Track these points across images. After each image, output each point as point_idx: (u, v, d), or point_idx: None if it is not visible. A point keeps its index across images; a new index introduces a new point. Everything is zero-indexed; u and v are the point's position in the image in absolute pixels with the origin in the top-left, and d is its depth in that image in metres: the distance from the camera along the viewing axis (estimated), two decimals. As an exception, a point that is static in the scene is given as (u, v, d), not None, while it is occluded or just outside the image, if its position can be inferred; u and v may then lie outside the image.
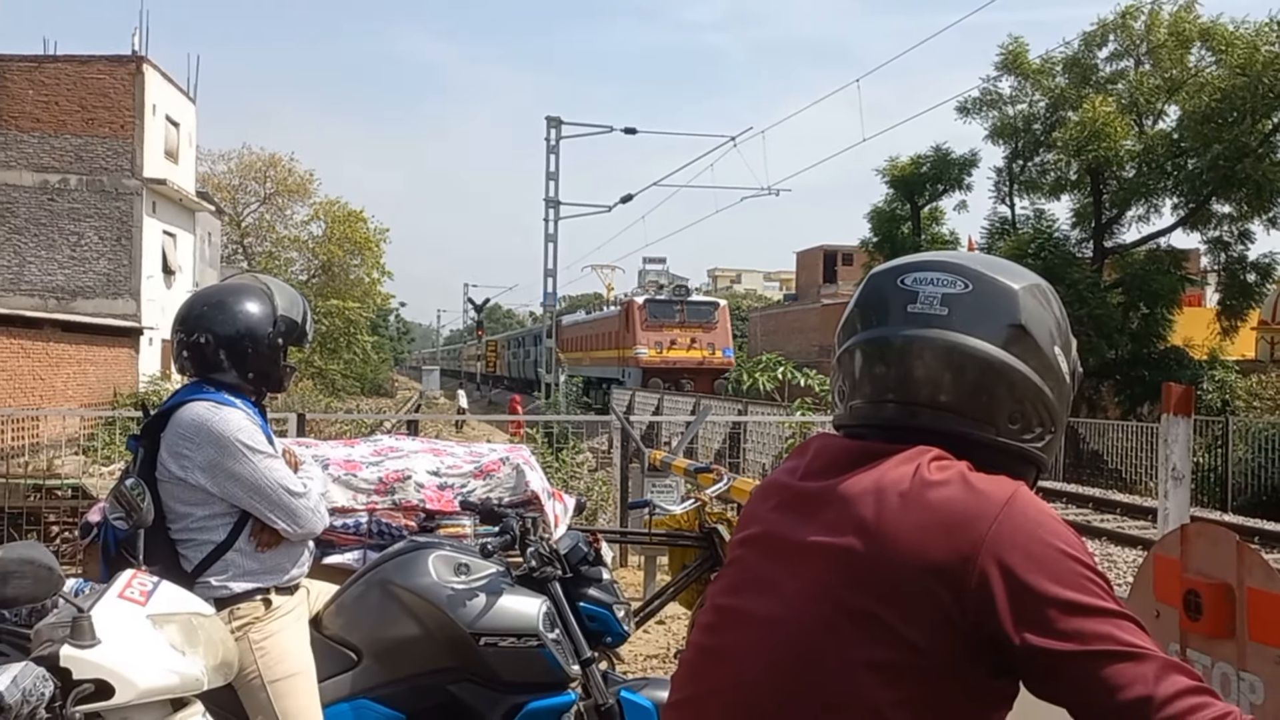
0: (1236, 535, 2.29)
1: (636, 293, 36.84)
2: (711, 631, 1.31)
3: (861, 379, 1.30)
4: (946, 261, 1.29)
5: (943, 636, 1.11)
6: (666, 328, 34.21)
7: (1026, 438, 1.26)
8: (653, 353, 33.45)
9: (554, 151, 25.88)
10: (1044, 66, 25.92)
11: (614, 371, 37.11)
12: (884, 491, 1.18)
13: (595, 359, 41.20)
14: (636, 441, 7.54)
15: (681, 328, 34.21)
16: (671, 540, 4.63)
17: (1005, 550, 1.10)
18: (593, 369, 41.03)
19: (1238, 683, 2.25)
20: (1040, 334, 1.26)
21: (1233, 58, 23.09)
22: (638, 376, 33.87)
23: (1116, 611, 1.09)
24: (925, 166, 28.73)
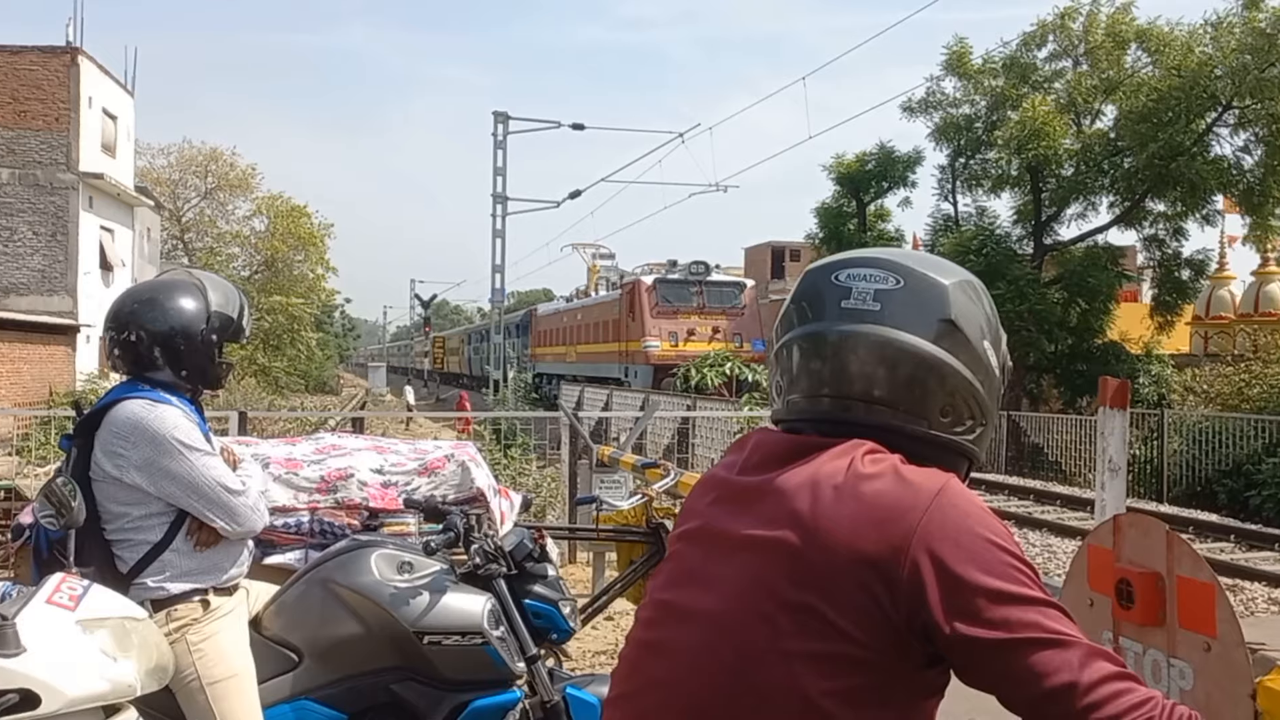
0: (1166, 525, 2.35)
1: (642, 272, 30.15)
2: (650, 626, 1.32)
3: (798, 374, 1.31)
4: (879, 258, 1.31)
5: (876, 627, 1.13)
6: (682, 314, 27.82)
7: (958, 430, 1.28)
8: (666, 346, 26.89)
9: (501, 147, 25.74)
10: (985, 67, 26.32)
11: (613, 369, 30.44)
12: (819, 485, 1.19)
13: (587, 354, 34.14)
14: (585, 438, 7.53)
15: (701, 314, 27.88)
16: (619, 536, 4.64)
17: (935, 541, 1.12)
18: (581, 366, 34.15)
19: (1168, 669, 2.30)
20: (970, 329, 1.28)
21: (1168, 59, 23.65)
22: (647, 375, 27.80)
23: (1043, 600, 1.12)
24: (871, 164, 29.04)
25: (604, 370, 31.33)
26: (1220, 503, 15.69)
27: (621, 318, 29.89)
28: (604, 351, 31.76)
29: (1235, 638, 2.12)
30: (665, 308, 27.95)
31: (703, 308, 28.17)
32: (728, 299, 28.61)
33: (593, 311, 34.24)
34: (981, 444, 1.32)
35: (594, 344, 33.26)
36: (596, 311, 33.69)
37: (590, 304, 35.39)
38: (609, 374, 30.38)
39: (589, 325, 34.13)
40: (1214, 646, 2.16)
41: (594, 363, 32.74)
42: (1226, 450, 16.31)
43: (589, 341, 33.92)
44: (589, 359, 33.48)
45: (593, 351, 33.25)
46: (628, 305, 29.44)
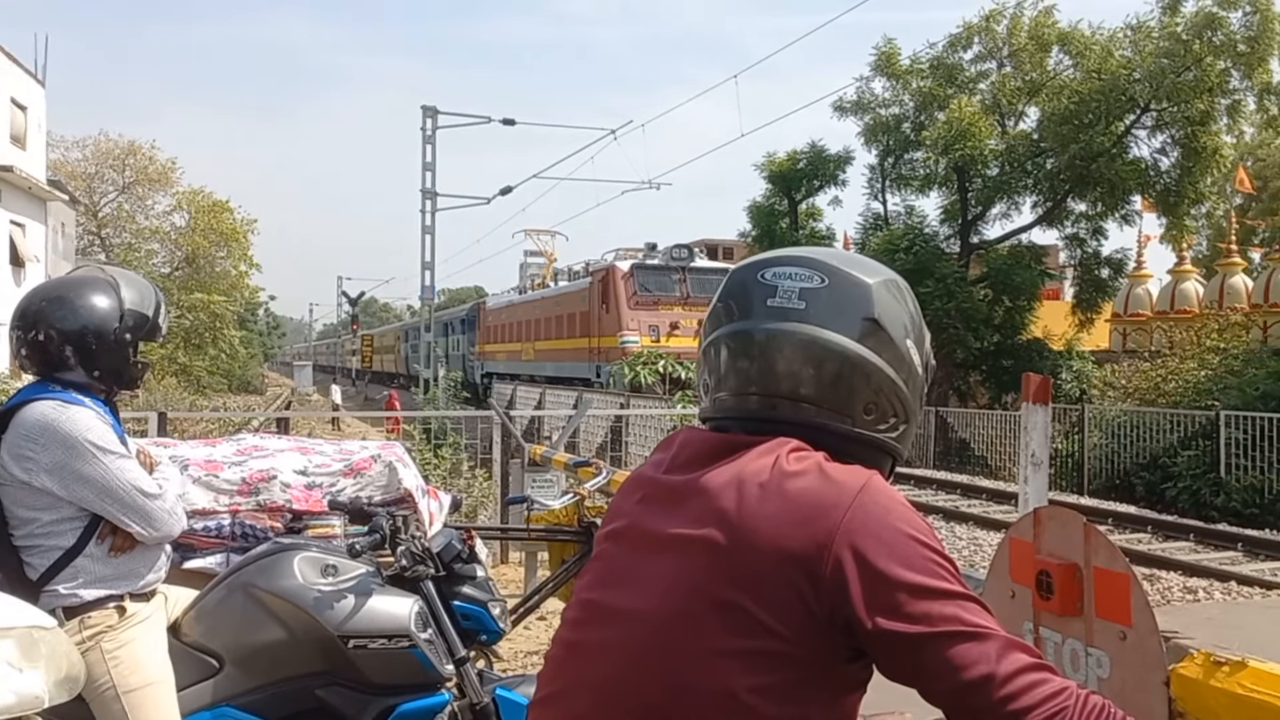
0: (1084, 518, 2.40)
1: (616, 258, 26.12)
2: (576, 627, 1.31)
3: (726, 372, 1.32)
4: (804, 257, 1.32)
5: (801, 623, 1.14)
6: (664, 305, 24.52)
7: (881, 428, 1.29)
8: (646, 341, 23.59)
9: (430, 142, 25.45)
10: (913, 68, 26.76)
11: (581, 369, 27.02)
12: (744, 483, 1.20)
13: (549, 352, 30.26)
14: (516, 437, 7.49)
15: (685, 305, 24.45)
16: (550, 535, 4.62)
17: (858, 537, 1.13)
18: (541, 365, 30.40)
19: (1086, 658, 2.36)
20: (893, 327, 1.29)
21: (1088, 62, 24.28)
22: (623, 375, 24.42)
23: (962, 594, 1.13)
24: (802, 163, 29.36)
25: (570, 370, 27.72)
26: (1138, 495, 16.16)
27: (592, 309, 25.93)
28: (570, 348, 27.61)
29: (1149, 626, 2.18)
30: (645, 298, 24.39)
31: (687, 298, 24.51)
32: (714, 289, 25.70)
33: (555, 303, 29.83)
34: (905, 441, 1.34)
35: (558, 340, 28.90)
36: (560, 303, 29.19)
37: (552, 294, 30.65)
38: (576, 374, 26.80)
39: (551, 319, 29.75)
40: (1129, 635, 2.21)
41: (558, 361, 28.89)
42: (1144, 444, 16.80)
43: (551, 337, 29.63)
44: (551, 356, 29.56)
45: (556, 348, 29.21)
46: (600, 295, 25.43)
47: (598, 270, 26.29)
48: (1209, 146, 23.65)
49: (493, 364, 36.37)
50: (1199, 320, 22.87)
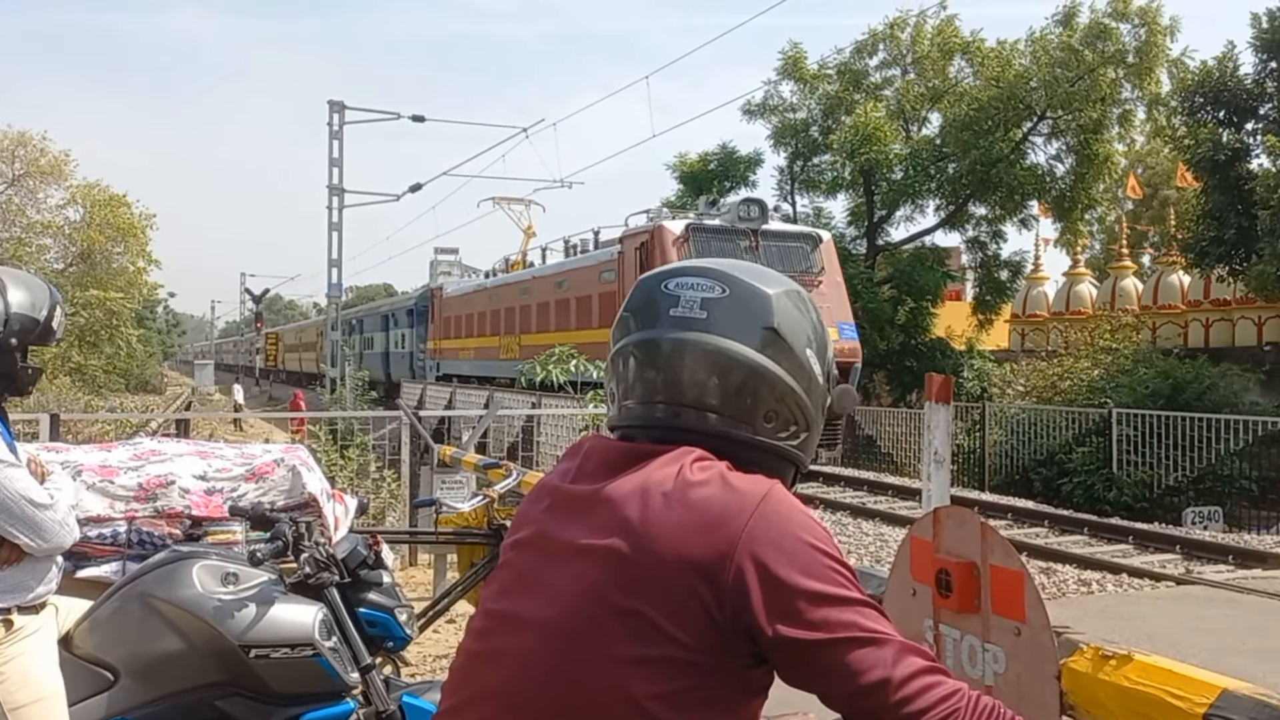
0: (981, 517, 2.47)
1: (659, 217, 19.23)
2: (481, 636, 1.31)
3: (633, 381, 1.34)
4: (707, 268, 1.34)
5: (704, 631, 1.15)
6: None
7: (782, 436, 1.32)
8: None
9: (338, 137, 24.97)
10: (820, 72, 27.22)
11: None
12: (648, 493, 1.21)
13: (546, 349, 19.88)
14: (425, 438, 7.40)
15: None
16: (459, 538, 4.58)
17: (759, 546, 1.15)
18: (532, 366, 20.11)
19: (983, 654, 2.43)
20: (794, 337, 1.32)
21: (988, 71, 25.01)
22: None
23: (860, 600, 1.16)
24: (713, 164, 29.62)
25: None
26: (1036, 490, 16.70)
27: (622, 289, 17.98)
28: (584, 343, 18.69)
29: (1042, 622, 2.25)
30: None
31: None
32: (796, 259, 18.06)
33: (555, 284, 22.12)
34: (807, 449, 1.36)
35: (561, 332, 20.79)
36: (566, 283, 21.64)
37: (549, 272, 22.98)
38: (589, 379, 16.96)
39: (549, 304, 22.00)
40: (1023, 631, 2.29)
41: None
42: (1041, 441, 17.37)
43: (550, 329, 21.76)
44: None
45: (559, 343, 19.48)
46: (638, 268, 17.74)
47: (633, 235, 18.61)
48: (1101, 154, 24.61)
49: (454, 364, 28.30)
50: (1092, 321, 23.75)
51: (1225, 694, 1.87)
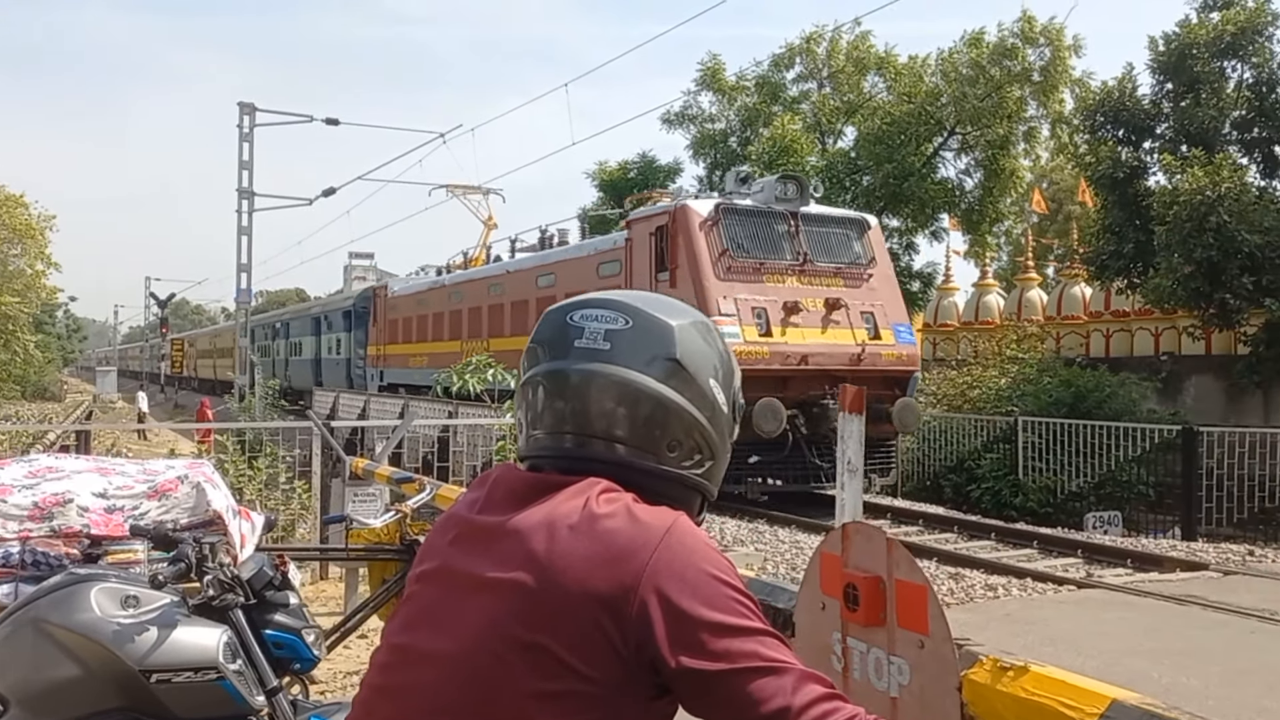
0: (886, 532, 2.53)
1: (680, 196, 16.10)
2: (385, 670, 1.30)
3: (540, 411, 1.36)
4: (612, 300, 1.37)
5: (608, 664, 1.16)
6: (772, 274, 14.26)
7: (686, 465, 1.34)
8: (751, 335, 13.49)
9: (248, 139, 24.44)
10: (739, 84, 27.57)
11: None
12: (555, 525, 1.22)
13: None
14: (337, 449, 7.27)
15: (801, 274, 14.42)
16: (371, 555, 4.51)
17: (663, 578, 1.17)
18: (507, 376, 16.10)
19: (889, 666, 2.48)
20: (696, 367, 1.34)
21: (901, 86, 25.62)
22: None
23: (761, 630, 1.18)
24: (633, 172, 29.77)
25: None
26: (946, 496, 17.08)
27: (630, 281, 15.17)
28: None
29: (944, 634, 2.31)
30: (741, 261, 13.97)
31: (803, 261, 14.24)
32: (840, 247, 14.83)
33: (536, 277, 18.59)
34: (713, 478, 1.39)
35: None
36: (553, 275, 17.99)
37: (531, 264, 19.30)
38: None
39: (533, 302, 18.12)
40: (927, 644, 2.35)
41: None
42: (952, 448, 17.79)
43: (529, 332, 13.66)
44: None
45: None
46: (654, 256, 14.64)
47: (645, 218, 15.14)
48: (1008, 169, 25.37)
49: (402, 372, 24.61)
50: (1000, 331, 24.41)
51: (1115, 704, 1.94)
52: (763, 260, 14.09)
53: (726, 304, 13.38)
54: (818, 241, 14.67)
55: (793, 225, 14.56)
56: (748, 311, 13.47)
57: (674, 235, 14.20)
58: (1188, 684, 5.84)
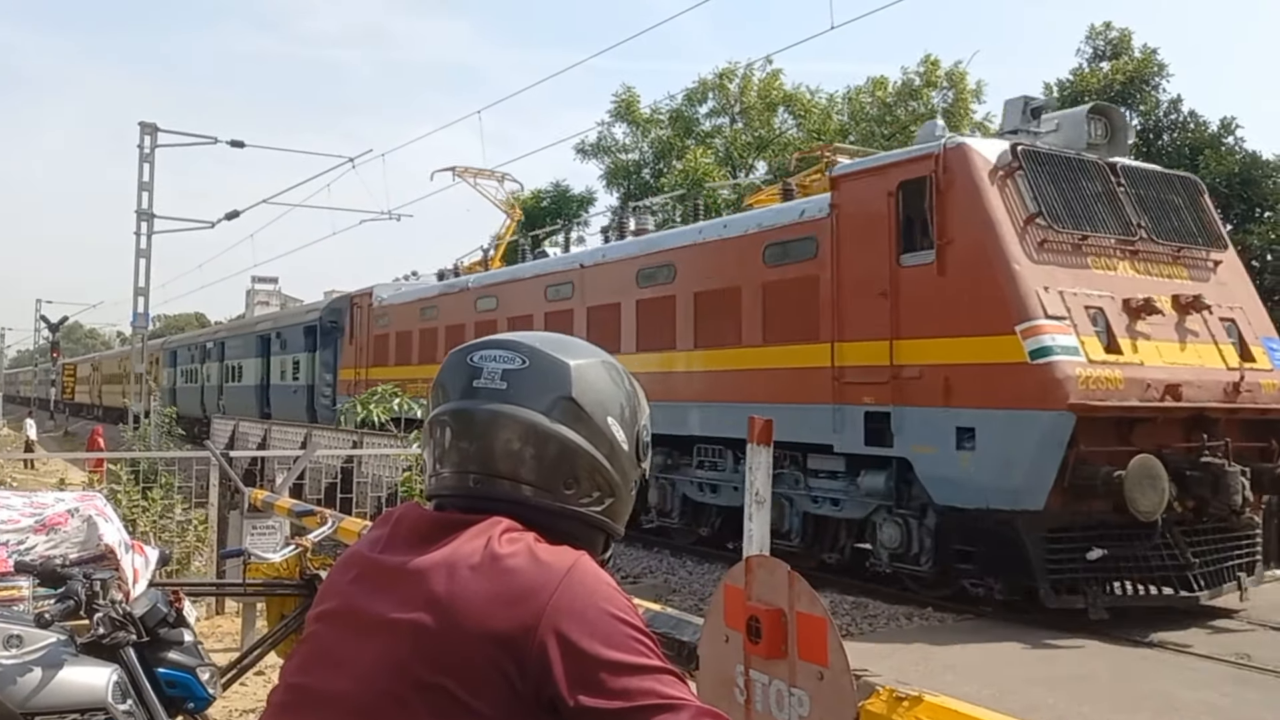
0: (788, 566, 2.57)
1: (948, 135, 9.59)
2: (282, 711, 1.28)
3: (446, 449, 1.37)
4: (510, 340, 1.40)
5: (508, 704, 1.17)
6: (1097, 258, 9.01)
7: (584, 502, 1.36)
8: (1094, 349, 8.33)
9: (149, 160, 23.79)
10: (653, 117, 27.92)
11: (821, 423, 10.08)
12: (456, 565, 1.23)
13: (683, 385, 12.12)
14: (235, 480, 7.09)
15: (1136, 259, 9.28)
16: (269, 590, 4.41)
17: (562, 618, 1.18)
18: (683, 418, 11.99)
19: (789, 698, 2.52)
20: (592, 406, 1.37)
21: (810, 123, 26.23)
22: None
23: (660, 668, 1.20)
24: (546, 201, 29.80)
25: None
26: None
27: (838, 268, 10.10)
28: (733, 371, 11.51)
29: (843, 665, 2.36)
30: (1058, 234, 8.93)
31: (1138, 237, 9.45)
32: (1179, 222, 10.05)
33: (644, 272, 13.09)
34: (616, 516, 1.41)
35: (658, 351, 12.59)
36: (673, 269, 12.60)
37: (634, 254, 13.52)
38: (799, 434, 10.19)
39: (632, 309, 13.18)
40: (826, 675, 2.39)
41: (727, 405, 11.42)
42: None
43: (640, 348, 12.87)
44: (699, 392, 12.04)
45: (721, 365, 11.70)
46: (893, 227, 9.56)
47: (875, 169, 10.10)
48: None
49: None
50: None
51: (1004, 733, 2.01)
52: (1086, 234, 9.08)
53: (1052, 300, 8.46)
54: (1152, 208, 9.77)
55: (1114, 182, 9.65)
56: (1081, 313, 8.58)
57: (943, 190, 9.10)
58: (1079, 710, 6.04)
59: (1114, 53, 20.77)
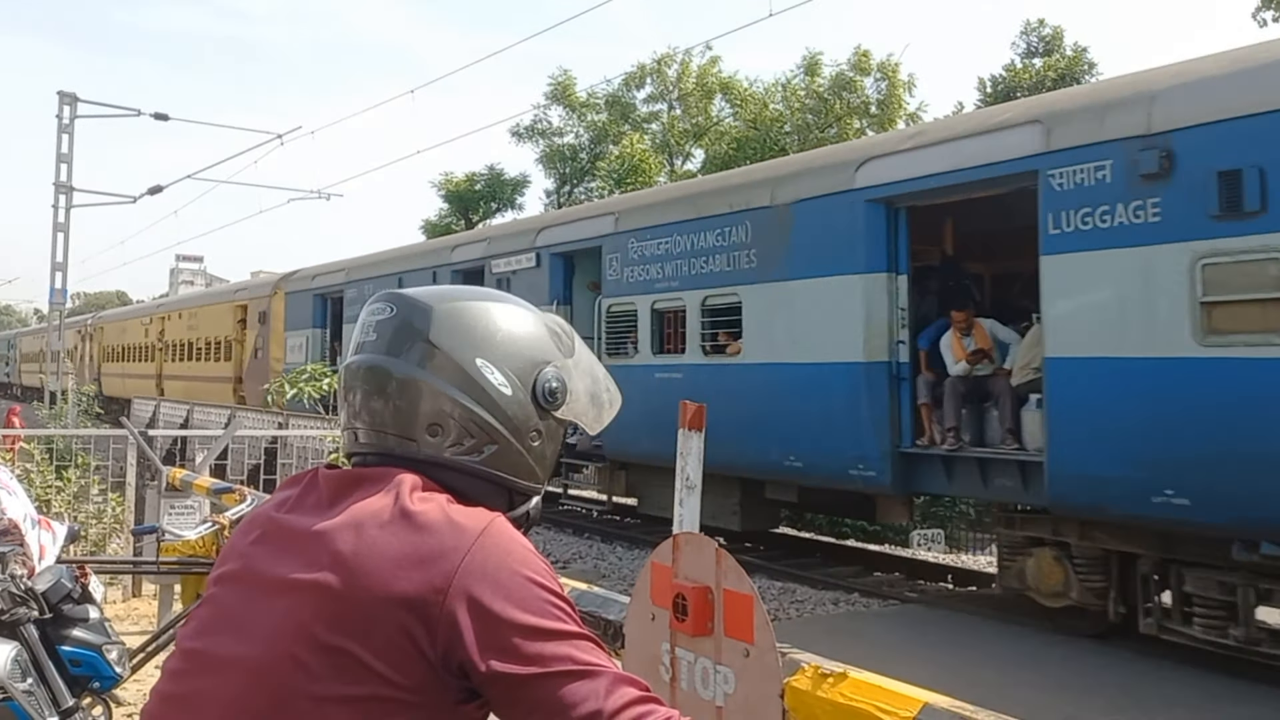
0: (716, 542, 2.55)
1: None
2: (175, 678, 1.22)
3: (347, 407, 1.34)
4: (392, 293, 1.36)
5: (415, 668, 1.13)
6: None
7: (454, 450, 1.29)
8: None
9: (68, 131, 23.01)
10: (589, 101, 27.76)
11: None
12: (363, 525, 1.18)
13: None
14: (153, 459, 6.89)
15: None
16: (184, 568, 4.28)
17: (475, 581, 1.14)
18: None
19: (715, 675, 2.50)
20: (453, 346, 1.30)
21: (746, 112, 26.29)
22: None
23: (576, 634, 1.16)
24: (479, 184, 29.49)
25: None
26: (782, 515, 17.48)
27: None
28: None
29: (769, 643, 2.35)
30: None
31: None
32: None
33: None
34: (508, 467, 1.32)
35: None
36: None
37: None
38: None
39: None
40: (752, 652, 2.38)
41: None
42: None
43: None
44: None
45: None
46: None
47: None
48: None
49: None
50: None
51: (926, 707, 2.01)
52: None
53: None
54: None
55: None
56: None
57: None
58: (1000, 690, 6.15)
59: (1046, 50, 21.18)
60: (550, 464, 1.39)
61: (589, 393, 1.41)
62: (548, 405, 1.35)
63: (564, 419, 1.38)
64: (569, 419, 1.39)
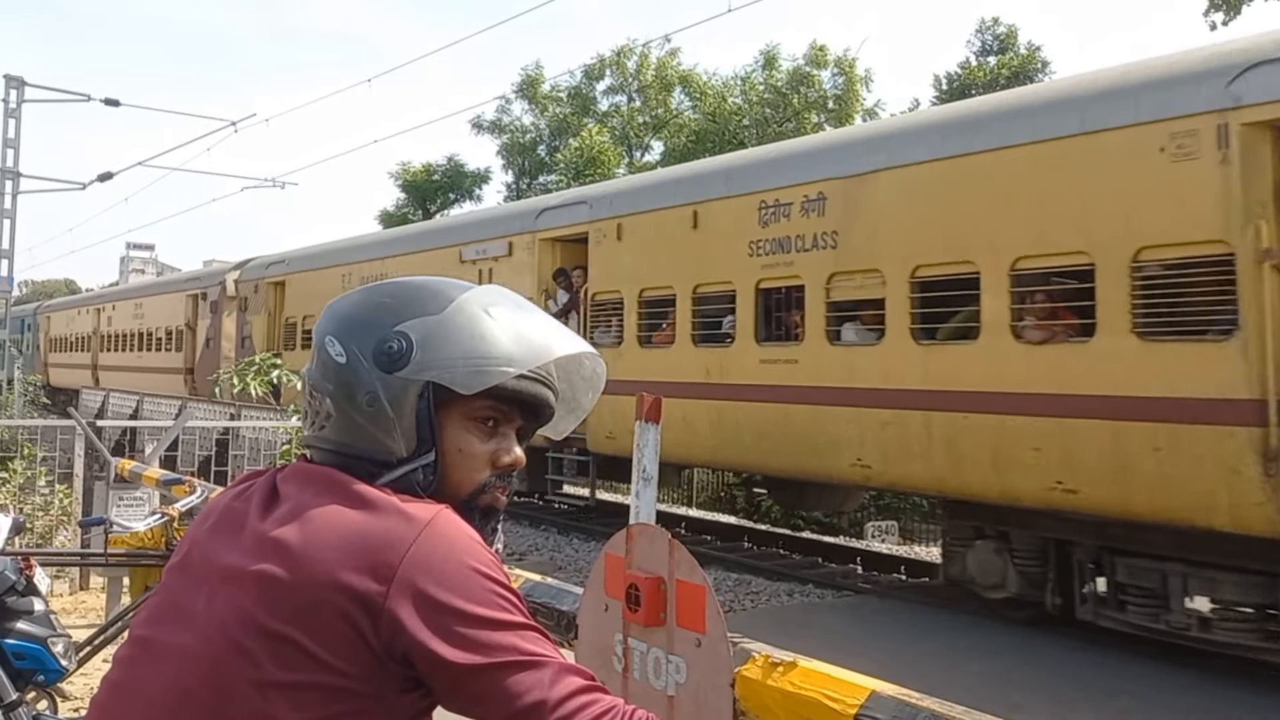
0: (669, 534, 2.57)
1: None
2: (126, 666, 1.22)
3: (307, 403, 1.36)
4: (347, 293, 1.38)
5: (358, 656, 1.13)
6: None
7: (311, 429, 1.31)
8: None
9: (14, 116, 22.52)
10: (552, 94, 27.68)
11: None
12: (310, 515, 1.18)
13: None
14: (102, 450, 6.78)
15: None
16: (133, 560, 4.23)
17: (419, 572, 1.14)
18: None
19: (667, 665, 2.52)
20: (317, 334, 1.33)
21: (705, 105, 26.35)
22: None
23: (521, 624, 1.17)
24: (438, 175, 29.29)
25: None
26: (739, 506, 17.57)
27: None
28: None
29: (720, 633, 2.37)
30: None
31: None
32: None
33: None
34: (344, 435, 1.28)
35: None
36: None
37: None
38: None
39: None
40: (704, 642, 2.40)
41: None
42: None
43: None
44: None
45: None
46: None
47: None
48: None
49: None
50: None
51: (874, 695, 2.04)
52: None
53: None
54: None
55: None
56: None
57: None
58: (949, 679, 6.24)
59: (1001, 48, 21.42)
60: (410, 429, 1.27)
61: (465, 350, 1.28)
62: (385, 366, 1.27)
63: (413, 377, 1.26)
64: (425, 378, 1.26)
